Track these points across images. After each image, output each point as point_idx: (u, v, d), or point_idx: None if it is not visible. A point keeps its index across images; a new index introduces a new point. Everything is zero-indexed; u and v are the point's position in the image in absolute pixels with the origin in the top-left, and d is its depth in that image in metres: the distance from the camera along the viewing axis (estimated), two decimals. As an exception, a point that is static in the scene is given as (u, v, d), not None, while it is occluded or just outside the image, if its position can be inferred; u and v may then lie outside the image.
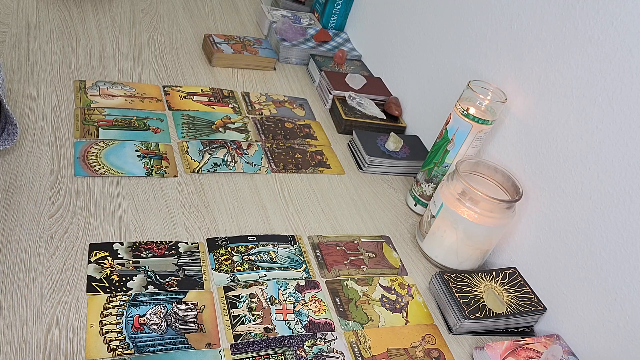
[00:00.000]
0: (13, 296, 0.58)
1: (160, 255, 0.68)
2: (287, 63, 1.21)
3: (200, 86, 1.03)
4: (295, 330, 0.65)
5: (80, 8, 1.14)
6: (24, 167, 0.74)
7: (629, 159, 0.66)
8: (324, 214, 0.84)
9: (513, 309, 0.73)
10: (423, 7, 1.06)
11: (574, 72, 0.73)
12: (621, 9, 0.67)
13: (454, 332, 0.72)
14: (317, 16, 1.34)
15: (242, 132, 0.94)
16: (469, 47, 0.93)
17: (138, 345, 0.58)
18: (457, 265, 0.80)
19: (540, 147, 0.78)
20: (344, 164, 0.96)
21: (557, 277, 0.75)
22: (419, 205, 0.90)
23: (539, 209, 0.78)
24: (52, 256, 0.64)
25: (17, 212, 0.67)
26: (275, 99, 1.06)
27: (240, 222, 0.77)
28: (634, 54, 0.66)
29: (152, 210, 0.74)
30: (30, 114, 0.83)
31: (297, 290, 0.70)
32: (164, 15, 1.23)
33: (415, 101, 1.08)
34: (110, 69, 0.99)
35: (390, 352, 0.66)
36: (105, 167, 0.77)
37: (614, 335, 0.68)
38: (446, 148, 0.84)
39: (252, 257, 0.72)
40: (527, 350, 0.68)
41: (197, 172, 0.83)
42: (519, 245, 0.82)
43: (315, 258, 0.76)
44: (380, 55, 1.19)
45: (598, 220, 0.70)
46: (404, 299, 0.74)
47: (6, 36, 0.98)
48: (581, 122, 0.72)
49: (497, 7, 0.86)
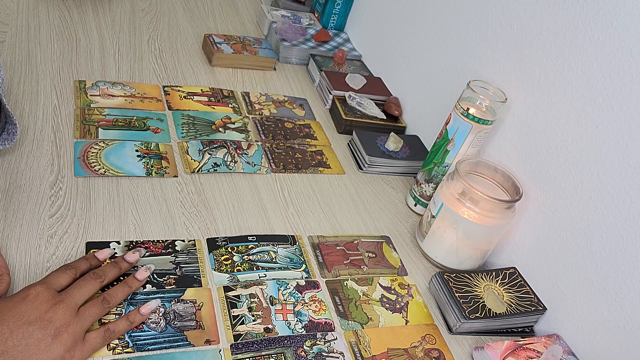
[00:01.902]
0: (13, 296, 0.59)
1: (157, 253, 0.68)
2: (287, 63, 1.21)
3: (200, 86, 1.03)
4: (295, 330, 0.65)
5: (80, 8, 1.14)
6: (24, 167, 0.74)
7: (629, 159, 0.66)
8: (324, 214, 0.84)
9: (513, 309, 0.73)
10: (423, 7, 1.06)
11: (574, 72, 0.73)
12: (621, 9, 0.67)
13: (454, 332, 0.72)
14: (317, 16, 1.34)
15: (242, 132, 0.94)
16: (469, 47, 0.93)
17: (137, 343, 0.58)
18: (457, 265, 0.80)
19: (540, 147, 0.78)
20: (344, 164, 0.96)
21: (557, 277, 0.75)
22: (419, 205, 0.90)
23: (539, 209, 0.78)
24: (52, 256, 0.64)
25: (17, 212, 0.67)
26: (275, 99, 1.06)
27: (240, 222, 0.77)
28: (634, 54, 0.66)
29: (152, 210, 0.74)
30: (30, 114, 0.83)
31: (297, 290, 0.70)
32: (164, 15, 1.23)
33: (415, 101, 1.08)
34: (110, 69, 0.99)
35: (390, 352, 0.66)
36: (105, 167, 0.77)
37: (614, 335, 0.68)
38: (446, 148, 0.84)
39: (252, 257, 0.72)
40: (527, 350, 0.68)
41: (197, 172, 0.83)
42: (519, 245, 0.82)
43: (315, 258, 0.76)
44: (380, 55, 1.19)
45: (598, 220, 0.70)
46: (404, 299, 0.74)
47: (6, 36, 0.98)
48: (581, 122, 0.72)
49: (497, 7, 0.86)
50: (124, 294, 0.61)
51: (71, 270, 0.59)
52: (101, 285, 0.59)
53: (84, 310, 0.56)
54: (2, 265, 0.59)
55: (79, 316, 0.54)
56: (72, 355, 0.52)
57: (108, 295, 0.59)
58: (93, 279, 0.59)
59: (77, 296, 0.56)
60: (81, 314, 0.55)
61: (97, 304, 0.57)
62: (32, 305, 0.51)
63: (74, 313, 0.54)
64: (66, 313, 0.53)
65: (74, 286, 0.57)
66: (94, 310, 0.56)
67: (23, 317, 0.50)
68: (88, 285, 0.58)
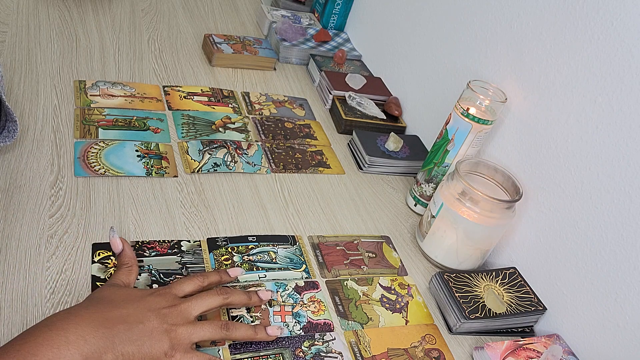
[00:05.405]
0: (13, 296, 0.59)
1: (163, 253, 0.68)
2: (287, 63, 1.21)
3: (200, 86, 1.03)
4: (293, 331, 0.65)
5: (80, 8, 1.14)
6: (24, 167, 0.74)
7: (629, 159, 0.66)
8: (324, 214, 0.84)
9: (513, 309, 0.73)
10: (423, 7, 1.06)
11: (574, 72, 0.73)
12: (621, 9, 0.67)
13: (454, 332, 0.72)
14: (317, 16, 1.34)
15: (242, 132, 0.94)
16: (469, 47, 0.93)
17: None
18: (457, 265, 0.80)
19: (540, 147, 0.78)
20: (344, 164, 0.96)
21: (557, 277, 0.75)
22: (419, 205, 0.90)
23: (539, 209, 0.78)
24: (52, 256, 0.64)
25: (17, 212, 0.68)
26: (275, 99, 1.06)
27: (240, 222, 0.77)
28: (634, 54, 0.65)
29: (152, 210, 0.74)
30: (30, 114, 0.83)
31: (295, 291, 0.70)
32: (164, 15, 1.23)
33: (415, 101, 1.08)
34: (110, 69, 0.99)
35: (390, 352, 0.66)
36: (105, 167, 0.77)
37: (614, 335, 0.68)
38: (446, 148, 0.84)
39: (252, 258, 0.72)
40: (527, 350, 0.68)
41: (197, 172, 0.83)
42: (519, 245, 0.82)
43: (315, 258, 0.76)
44: (380, 55, 1.19)
45: (598, 220, 0.70)
46: (404, 299, 0.74)
47: (6, 36, 0.98)
48: (581, 122, 0.72)
49: (497, 7, 0.86)
50: (246, 334, 0.60)
51: (199, 279, 0.61)
52: (224, 302, 0.60)
53: (200, 324, 0.57)
54: (132, 257, 0.63)
55: (192, 325, 0.56)
56: (172, 355, 0.54)
57: (232, 325, 0.59)
58: (217, 294, 0.60)
59: (194, 306, 0.57)
60: (195, 324, 0.56)
61: (214, 326, 0.57)
62: (156, 299, 0.56)
63: (187, 319, 0.56)
64: (179, 316, 0.56)
65: (196, 296, 0.59)
66: (209, 329, 0.57)
67: (146, 305, 0.55)
68: (210, 299, 0.59)
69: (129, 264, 0.62)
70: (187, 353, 0.55)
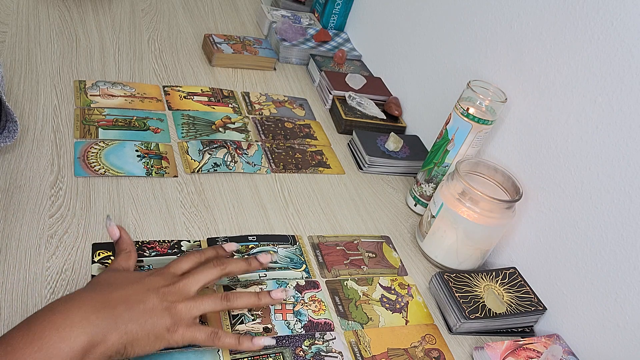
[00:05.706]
0: (13, 296, 0.59)
1: (163, 253, 0.68)
2: (287, 63, 1.21)
3: (200, 86, 1.03)
4: (294, 330, 0.65)
5: (80, 8, 1.14)
6: (24, 167, 0.74)
7: (629, 159, 0.66)
8: (324, 214, 0.84)
9: (513, 309, 0.73)
10: (423, 7, 1.06)
11: (574, 72, 0.73)
12: (621, 9, 0.67)
13: (454, 332, 0.72)
14: (317, 16, 1.34)
15: (242, 132, 0.94)
16: (469, 47, 0.93)
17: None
18: (457, 265, 0.80)
19: (540, 147, 0.78)
20: (344, 164, 0.96)
21: (557, 277, 0.75)
22: (419, 205, 0.90)
23: (539, 209, 0.78)
24: (52, 256, 0.64)
25: (17, 212, 0.68)
26: (275, 99, 1.06)
27: (240, 222, 0.77)
28: (634, 54, 0.66)
29: (152, 211, 0.74)
30: (30, 114, 0.83)
31: (296, 290, 0.70)
32: (164, 15, 1.23)
33: (415, 101, 1.08)
34: (110, 69, 0.99)
35: (390, 352, 0.66)
36: (105, 167, 0.77)
37: (614, 335, 0.68)
38: (446, 148, 0.84)
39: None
40: (527, 350, 0.68)
41: (197, 172, 0.83)
42: (519, 245, 0.82)
43: (315, 258, 0.76)
44: (380, 55, 1.19)
45: (598, 220, 0.70)
46: (404, 299, 0.74)
47: (6, 36, 0.98)
48: (581, 122, 0.72)
49: (497, 7, 0.86)
50: (248, 302, 0.61)
51: (196, 256, 0.62)
52: (222, 272, 0.60)
53: (200, 298, 0.57)
54: (130, 242, 0.64)
55: (192, 300, 0.56)
56: (175, 330, 0.54)
57: (233, 295, 0.59)
58: (214, 266, 0.60)
59: (192, 281, 0.58)
60: (195, 299, 0.57)
61: (215, 298, 0.58)
62: (155, 279, 0.57)
63: (186, 295, 0.56)
64: (178, 293, 0.56)
65: (194, 271, 0.59)
66: (209, 302, 0.58)
67: (145, 285, 0.56)
68: (208, 271, 0.59)
69: (127, 249, 0.63)
70: (189, 327, 0.55)
